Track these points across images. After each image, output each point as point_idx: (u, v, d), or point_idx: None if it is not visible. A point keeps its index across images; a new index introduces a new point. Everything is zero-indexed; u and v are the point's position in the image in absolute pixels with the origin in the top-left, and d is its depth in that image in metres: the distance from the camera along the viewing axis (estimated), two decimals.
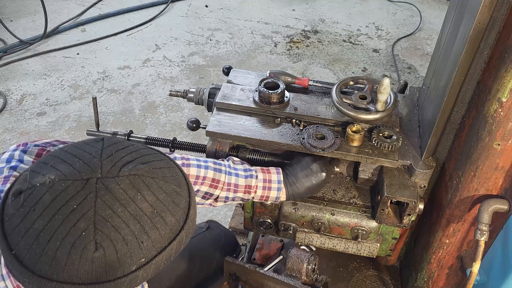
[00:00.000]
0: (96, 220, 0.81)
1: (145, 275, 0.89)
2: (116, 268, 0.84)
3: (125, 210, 0.83)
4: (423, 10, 5.08)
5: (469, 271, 1.43)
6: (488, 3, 1.19)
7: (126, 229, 0.83)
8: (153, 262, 0.88)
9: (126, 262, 0.84)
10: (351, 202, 1.60)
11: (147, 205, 0.86)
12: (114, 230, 0.82)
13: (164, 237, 0.89)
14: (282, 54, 4.36)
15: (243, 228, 1.97)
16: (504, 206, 1.35)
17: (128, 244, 0.83)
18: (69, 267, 0.81)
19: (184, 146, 1.73)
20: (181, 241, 0.94)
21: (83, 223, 0.81)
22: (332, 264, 2.02)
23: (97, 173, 0.84)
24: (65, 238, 0.80)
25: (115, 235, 0.82)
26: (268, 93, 1.67)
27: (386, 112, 1.63)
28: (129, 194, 0.84)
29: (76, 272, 0.82)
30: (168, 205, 0.90)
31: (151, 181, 0.88)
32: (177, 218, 0.91)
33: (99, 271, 0.83)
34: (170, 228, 0.90)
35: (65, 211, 0.81)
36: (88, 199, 0.82)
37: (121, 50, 4.34)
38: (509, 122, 1.24)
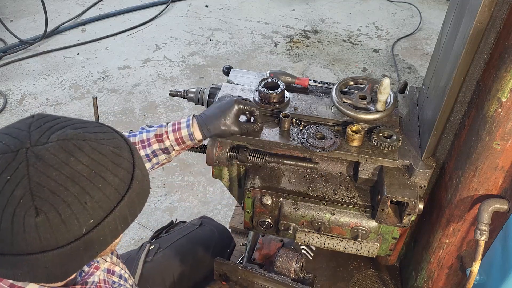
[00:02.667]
0: (32, 186, 0.81)
1: (102, 239, 0.88)
2: (64, 232, 0.83)
3: (60, 174, 0.83)
4: (423, 10, 5.09)
5: (469, 271, 1.43)
6: (488, 3, 1.19)
7: (64, 191, 0.83)
8: (105, 223, 0.87)
9: (73, 225, 0.83)
10: (351, 202, 1.61)
11: (82, 167, 0.85)
12: (52, 194, 0.82)
13: (110, 197, 0.88)
14: (282, 54, 4.37)
15: (243, 228, 1.97)
16: (504, 206, 1.35)
17: (70, 206, 0.83)
18: (15, 238, 0.81)
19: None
20: (132, 202, 0.92)
21: (19, 191, 0.81)
22: (332, 264, 2.02)
23: (26, 143, 0.84)
24: (4, 210, 0.80)
25: (54, 199, 0.82)
26: (268, 93, 1.68)
27: (386, 112, 1.63)
28: (61, 158, 0.84)
29: (25, 242, 0.82)
30: (107, 165, 0.88)
31: (82, 143, 0.87)
32: (120, 178, 0.90)
33: (47, 237, 0.82)
34: (115, 188, 0.88)
35: (0, 182, 0.81)
36: (20, 169, 0.81)
37: (121, 50, 4.34)
38: (509, 122, 1.24)
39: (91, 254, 0.92)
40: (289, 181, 1.65)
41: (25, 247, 0.83)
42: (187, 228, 1.99)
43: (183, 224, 2.04)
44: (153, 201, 2.96)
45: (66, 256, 0.87)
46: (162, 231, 2.01)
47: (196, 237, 1.94)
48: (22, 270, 0.86)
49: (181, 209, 2.90)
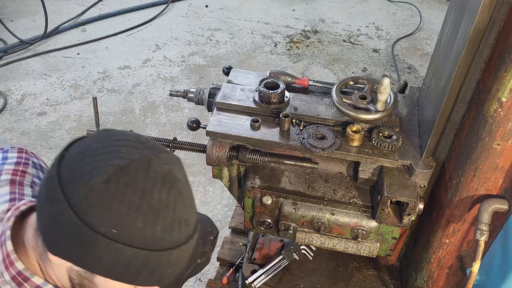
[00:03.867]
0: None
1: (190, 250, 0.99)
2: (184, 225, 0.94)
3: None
4: (423, 10, 5.08)
5: (469, 271, 1.43)
6: (488, 3, 1.19)
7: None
8: (193, 240, 0.98)
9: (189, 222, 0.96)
10: (351, 202, 1.61)
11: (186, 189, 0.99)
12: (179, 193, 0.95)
13: (194, 214, 1.01)
14: (282, 54, 4.36)
15: (243, 228, 1.97)
16: (504, 206, 1.35)
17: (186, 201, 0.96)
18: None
19: (184, 146, 1.73)
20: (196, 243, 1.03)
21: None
22: (332, 264, 2.02)
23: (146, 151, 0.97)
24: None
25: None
26: (268, 93, 1.68)
27: (386, 112, 1.63)
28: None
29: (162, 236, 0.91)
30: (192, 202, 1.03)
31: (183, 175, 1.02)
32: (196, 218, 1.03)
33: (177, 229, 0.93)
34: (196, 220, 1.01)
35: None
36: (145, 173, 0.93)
37: (121, 50, 4.34)
38: (509, 122, 1.24)
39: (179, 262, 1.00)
40: (289, 181, 1.65)
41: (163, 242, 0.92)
42: None
43: None
44: None
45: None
46: None
47: None
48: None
49: None
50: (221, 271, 2.31)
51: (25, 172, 1.25)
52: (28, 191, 1.20)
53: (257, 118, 1.63)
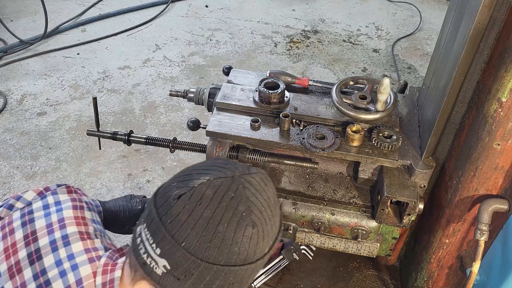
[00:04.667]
0: (249, 205, 0.97)
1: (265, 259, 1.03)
2: (261, 247, 0.99)
3: (262, 197, 1.00)
4: (423, 10, 5.08)
5: (469, 271, 1.43)
6: (488, 3, 1.19)
7: (265, 212, 1.00)
8: (271, 251, 1.03)
9: (266, 242, 1.00)
10: (351, 202, 1.61)
11: (271, 195, 1.04)
12: (260, 212, 0.98)
13: (278, 230, 1.05)
14: (282, 54, 4.36)
15: None
16: (504, 206, 1.35)
17: (267, 224, 1.00)
18: (233, 248, 0.95)
19: (184, 146, 1.74)
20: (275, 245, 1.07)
21: (241, 207, 0.96)
22: (332, 264, 2.02)
23: (235, 172, 1.01)
24: (230, 220, 0.95)
25: (261, 216, 0.99)
26: (268, 93, 1.68)
27: (386, 112, 1.63)
28: (262, 186, 1.02)
29: (238, 251, 0.96)
30: (277, 204, 1.07)
31: (269, 178, 1.07)
32: (280, 218, 1.08)
33: (252, 249, 0.97)
34: (279, 223, 1.06)
35: (227, 199, 0.96)
36: (240, 189, 0.98)
37: (121, 50, 4.34)
38: (509, 122, 1.24)
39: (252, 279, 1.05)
40: (289, 181, 1.65)
41: (235, 257, 0.96)
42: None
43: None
44: None
45: (248, 275, 1.01)
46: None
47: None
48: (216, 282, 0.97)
49: None
50: None
51: (85, 218, 1.22)
52: (98, 244, 1.15)
53: (257, 118, 1.63)
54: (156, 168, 3.18)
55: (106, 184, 3.04)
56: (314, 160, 1.62)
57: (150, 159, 3.23)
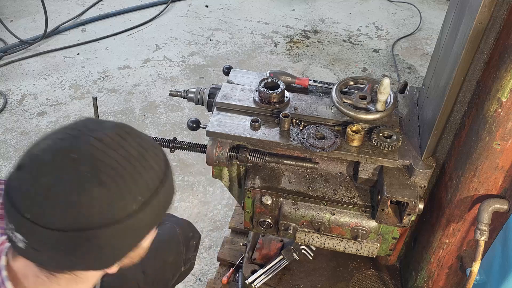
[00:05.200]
0: (95, 164, 0.91)
1: (150, 213, 0.98)
2: (122, 206, 0.92)
3: (117, 153, 0.93)
4: (423, 10, 5.08)
5: (469, 271, 1.43)
6: (488, 3, 1.19)
7: (121, 169, 0.92)
8: (150, 205, 0.96)
9: (128, 199, 0.93)
10: (351, 202, 1.61)
11: (133, 149, 0.96)
12: (112, 169, 0.91)
13: (154, 180, 0.98)
14: (282, 54, 4.36)
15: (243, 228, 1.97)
16: (504, 206, 1.35)
17: (126, 181, 0.92)
18: (81, 211, 0.89)
19: (184, 146, 1.73)
20: (167, 193, 1.03)
21: (85, 167, 0.90)
22: (332, 264, 2.02)
23: (85, 131, 0.95)
24: (71, 184, 0.88)
25: (113, 173, 0.91)
26: (268, 93, 1.68)
27: (386, 112, 1.63)
28: (117, 141, 0.95)
29: (89, 214, 0.89)
30: (150, 152, 0.99)
31: (131, 131, 1.00)
32: (159, 166, 1.01)
33: (107, 209, 0.90)
34: (156, 172, 0.99)
35: (67, 161, 0.90)
36: (84, 149, 0.92)
37: (121, 50, 4.34)
38: (509, 122, 1.24)
39: (136, 239, 1.00)
40: (289, 181, 1.65)
41: (87, 221, 0.89)
42: None
43: None
44: None
45: (120, 236, 0.94)
46: None
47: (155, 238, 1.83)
48: (77, 250, 0.92)
49: (181, 209, 2.90)
50: (221, 271, 2.31)
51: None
52: None
53: (257, 118, 1.63)
54: None
55: None
56: (314, 160, 1.62)
57: None
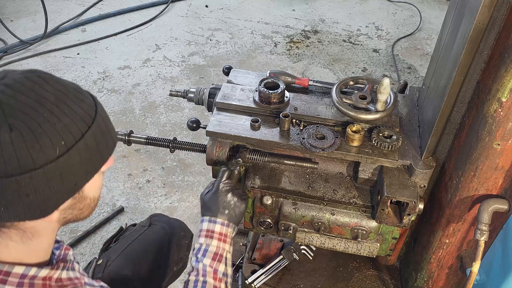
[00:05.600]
0: (3, 108, 0.88)
1: (76, 168, 0.96)
2: (39, 151, 0.89)
3: (28, 98, 0.90)
4: (423, 10, 5.08)
5: (469, 271, 1.43)
6: (488, 3, 1.19)
7: (34, 112, 0.90)
8: (76, 149, 0.95)
9: (46, 144, 0.90)
10: (351, 202, 1.61)
11: (48, 94, 0.93)
12: (23, 113, 0.89)
13: (78, 124, 0.96)
14: (282, 54, 4.36)
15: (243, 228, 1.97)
16: (504, 206, 1.35)
17: (40, 125, 0.89)
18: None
19: (184, 146, 1.74)
20: (99, 138, 1.01)
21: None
22: (332, 264, 2.02)
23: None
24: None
25: (25, 118, 0.89)
26: (268, 93, 1.68)
27: (386, 112, 1.63)
28: (27, 86, 0.92)
29: (2, 161, 0.87)
30: (71, 97, 0.97)
31: (46, 76, 0.97)
32: (85, 110, 0.99)
33: (23, 154, 0.88)
34: (81, 117, 0.97)
35: None
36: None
37: (121, 50, 4.34)
38: (509, 122, 1.24)
39: (69, 186, 0.98)
40: (289, 181, 1.65)
41: (4, 168, 0.87)
42: (136, 231, 1.85)
43: (133, 228, 1.89)
44: (153, 201, 2.96)
45: (45, 182, 0.92)
46: (111, 240, 1.85)
47: (146, 239, 1.80)
48: (3, 198, 0.90)
49: (181, 209, 2.90)
50: None
51: None
52: None
53: (257, 118, 1.63)
54: (156, 168, 3.18)
55: (106, 184, 3.04)
56: (314, 160, 1.62)
57: (150, 159, 3.23)
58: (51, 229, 1.07)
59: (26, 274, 1.01)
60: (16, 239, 1.00)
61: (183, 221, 1.99)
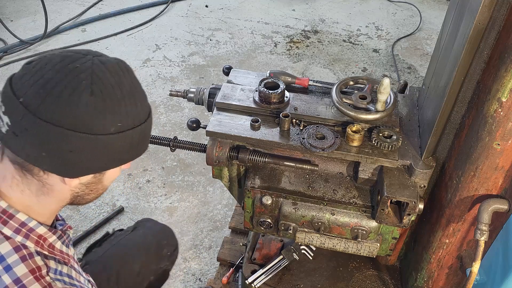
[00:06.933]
0: (93, 76, 1.01)
1: (118, 149, 1.07)
2: (101, 120, 1.01)
3: (113, 79, 1.04)
4: (423, 10, 5.08)
5: (469, 271, 1.43)
6: (488, 3, 1.19)
7: (113, 91, 1.03)
8: (128, 133, 1.07)
9: (110, 117, 1.02)
10: (351, 202, 1.61)
11: (128, 82, 1.07)
12: (105, 87, 1.02)
13: (136, 116, 1.09)
14: (282, 54, 4.36)
15: (243, 228, 1.97)
16: (504, 206, 1.35)
17: (112, 101, 1.02)
18: (67, 109, 0.98)
19: (185, 145, 1.74)
20: (145, 133, 1.14)
21: (83, 75, 1.00)
22: (332, 264, 2.02)
23: (93, 53, 1.07)
24: (68, 84, 0.98)
25: (106, 90, 1.02)
26: (268, 93, 1.68)
27: (386, 112, 1.63)
28: (115, 69, 1.06)
29: (72, 115, 0.98)
30: (140, 95, 1.11)
31: (130, 70, 1.11)
32: (144, 111, 1.12)
33: (89, 118, 0.99)
34: (139, 113, 1.10)
35: (71, 67, 1.00)
36: (88, 63, 1.02)
37: (121, 50, 4.34)
38: (509, 122, 1.24)
39: (102, 162, 1.08)
40: (289, 181, 1.65)
41: (69, 121, 0.98)
42: (119, 236, 1.82)
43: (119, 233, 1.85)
44: (153, 201, 2.96)
45: (90, 148, 1.02)
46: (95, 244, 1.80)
47: (126, 245, 1.78)
48: (51, 145, 0.99)
49: (181, 209, 2.90)
50: (221, 271, 2.31)
51: None
52: None
53: (257, 118, 1.63)
54: (156, 168, 3.18)
55: None
56: (313, 160, 1.62)
57: (150, 159, 3.23)
58: (63, 195, 1.13)
59: (26, 224, 1.08)
60: (33, 189, 1.08)
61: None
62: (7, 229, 1.05)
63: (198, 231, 2.76)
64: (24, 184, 1.07)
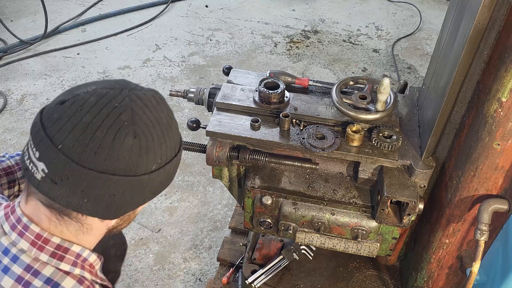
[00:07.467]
0: (133, 116, 0.97)
1: (160, 180, 1.05)
2: (145, 161, 0.99)
3: (152, 114, 1.01)
4: (423, 10, 5.08)
5: (469, 271, 1.43)
6: (488, 3, 1.19)
7: (153, 128, 1.00)
8: (166, 168, 1.05)
9: (151, 157, 1.00)
10: (351, 202, 1.60)
11: (164, 115, 1.04)
12: (146, 126, 0.98)
13: (172, 149, 1.06)
14: (282, 54, 4.36)
15: (243, 228, 1.97)
16: (504, 206, 1.35)
17: (154, 140, 1.00)
18: (110, 154, 0.94)
19: (184, 146, 1.73)
20: (177, 164, 1.12)
21: (124, 116, 0.96)
22: (332, 264, 2.02)
23: (126, 87, 1.01)
24: (110, 127, 0.94)
25: (147, 130, 0.99)
26: (268, 93, 1.68)
27: (386, 112, 1.63)
28: (152, 102, 1.02)
29: (116, 159, 0.95)
30: (174, 125, 1.08)
31: (164, 100, 1.08)
32: (177, 141, 1.10)
33: (133, 160, 0.97)
34: (174, 145, 1.07)
35: (109, 107, 0.95)
36: (126, 101, 0.98)
37: (121, 50, 4.34)
38: (509, 122, 1.24)
39: (141, 198, 1.06)
40: (289, 181, 1.65)
41: (113, 165, 0.95)
42: None
43: None
44: (153, 201, 2.96)
45: (132, 189, 1.00)
46: None
47: None
48: (94, 192, 0.96)
49: (181, 209, 2.90)
50: (221, 271, 2.31)
51: None
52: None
53: (257, 118, 1.63)
54: None
55: None
56: (314, 160, 1.62)
57: None
58: (101, 232, 1.11)
59: (81, 255, 1.06)
60: (71, 230, 1.05)
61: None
62: (65, 264, 1.03)
63: (198, 231, 2.76)
64: (63, 226, 1.04)
